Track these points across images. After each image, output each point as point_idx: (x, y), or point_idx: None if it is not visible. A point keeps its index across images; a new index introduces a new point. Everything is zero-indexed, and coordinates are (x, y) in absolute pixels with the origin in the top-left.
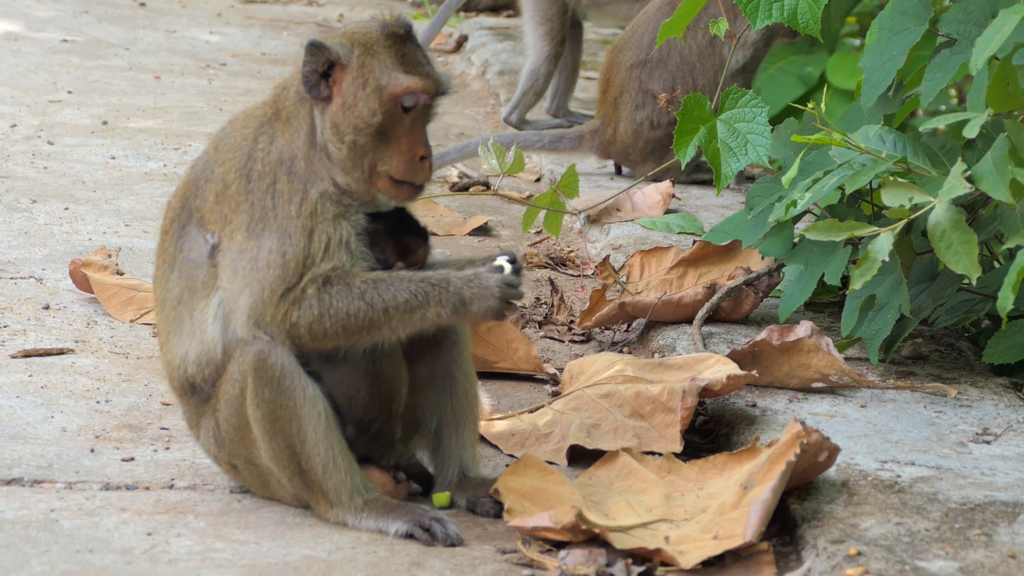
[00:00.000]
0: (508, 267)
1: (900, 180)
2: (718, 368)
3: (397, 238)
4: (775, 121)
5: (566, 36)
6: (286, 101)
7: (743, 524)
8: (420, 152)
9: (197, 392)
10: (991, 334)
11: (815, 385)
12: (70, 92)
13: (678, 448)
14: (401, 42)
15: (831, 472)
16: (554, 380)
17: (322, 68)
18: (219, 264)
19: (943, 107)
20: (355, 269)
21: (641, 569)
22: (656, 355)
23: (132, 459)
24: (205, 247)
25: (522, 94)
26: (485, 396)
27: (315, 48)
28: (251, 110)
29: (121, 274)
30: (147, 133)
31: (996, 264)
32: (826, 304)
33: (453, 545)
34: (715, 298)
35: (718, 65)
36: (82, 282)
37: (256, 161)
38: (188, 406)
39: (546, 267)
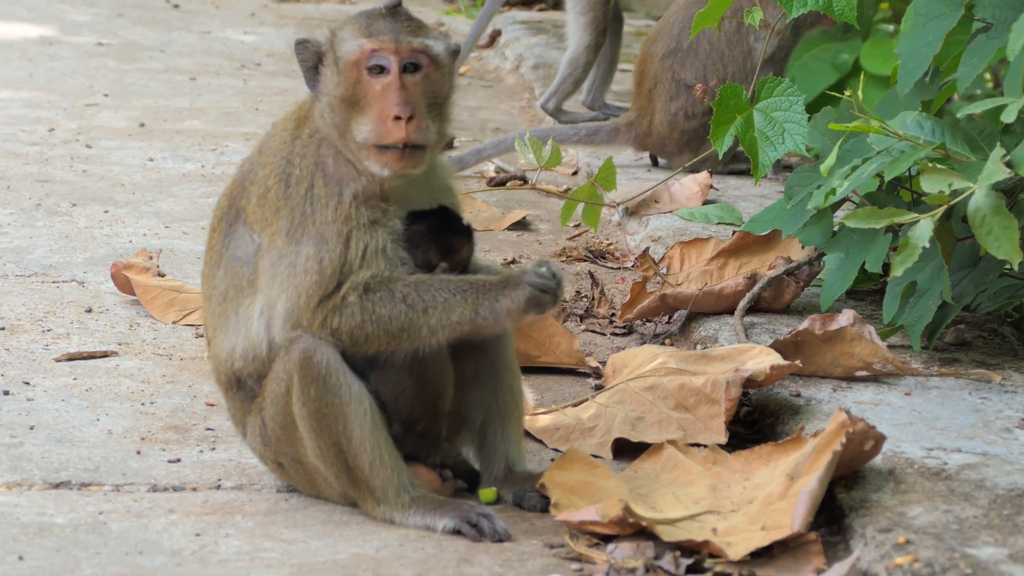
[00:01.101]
0: (543, 267)
1: (939, 166)
2: (761, 359)
3: (440, 238)
4: (810, 108)
5: (607, 27)
6: (308, 103)
7: (790, 514)
8: (392, 112)
9: (243, 388)
10: None
11: (859, 374)
12: (107, 95)
13: (723, 439)
14: (375, 16)
15: (877, 460)
16: (597, 373)
17: (311, 62)
18: (259, 268)
19: (979, 92)
20: (395, 274)
21: (689, 561)
22: (698, 346)
23: (178, 460)
24: (251, 246)
25: (561, 81)
26: (528, 391)
27: (300, 45)
28: (289, 112)
29: (162, 276)
30: (184, 134)
31: None
32: (867, 292)
33: (501, 540)
34: (756, 288)
35: (746, 52)
36: (124, 284)
37: (294, 166)
38: (234, 402)
39: (586, 260)
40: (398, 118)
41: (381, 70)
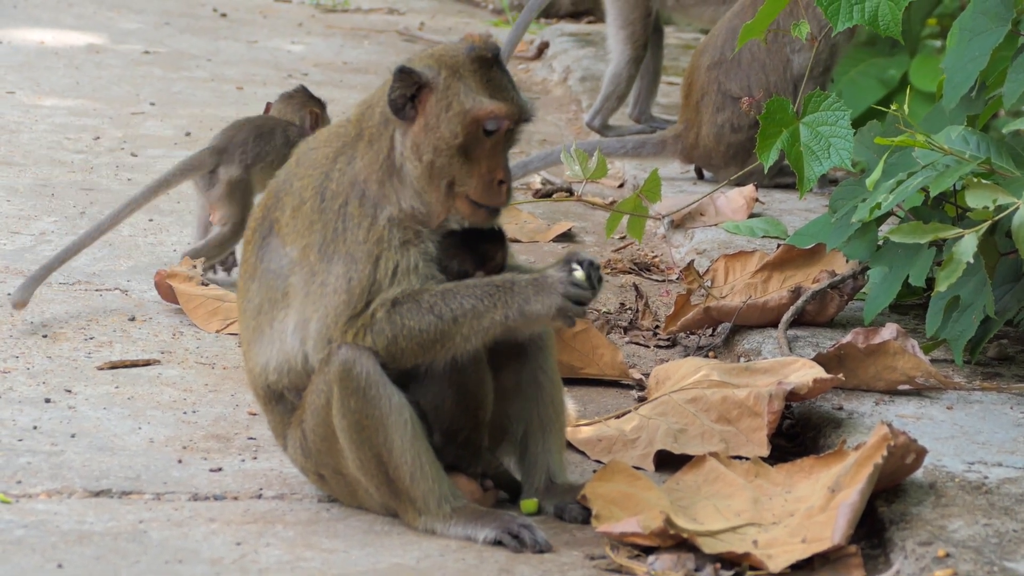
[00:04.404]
0: (579, 270)
1: (984, 181)
2: (804, 372)
3: (473, 246)
4: (856, 124)
5: (648, 40)
6: (370, 121)
7: (831, 527)
8: (499, 176)
9: (282, 402)
10: None
11: (901, 387)
12: (153, 104)
13: (765, 452)
14: (488, 66)
15: (918, 474)
16: (640, 385)
17: (410, 92)
18: (292, 283)
19: None
20: (423, 286)
21: (730, 573)
22: (742, 359)
23: (220, 469)
24: (284, 259)
25: (604, 98)
26: (571, 402)
27: (404, 74)
28: (336, 128)
29: (206, 284)
30: None
31: None
32: (911, 306)
33: (542, 551)
34: (800, 302)
35: (785, 63)
36: (167, 293)
37: (332, 181)
38: (273, 415)
39: (630, 272)
40: (501, 182)
41: (495, 131)
